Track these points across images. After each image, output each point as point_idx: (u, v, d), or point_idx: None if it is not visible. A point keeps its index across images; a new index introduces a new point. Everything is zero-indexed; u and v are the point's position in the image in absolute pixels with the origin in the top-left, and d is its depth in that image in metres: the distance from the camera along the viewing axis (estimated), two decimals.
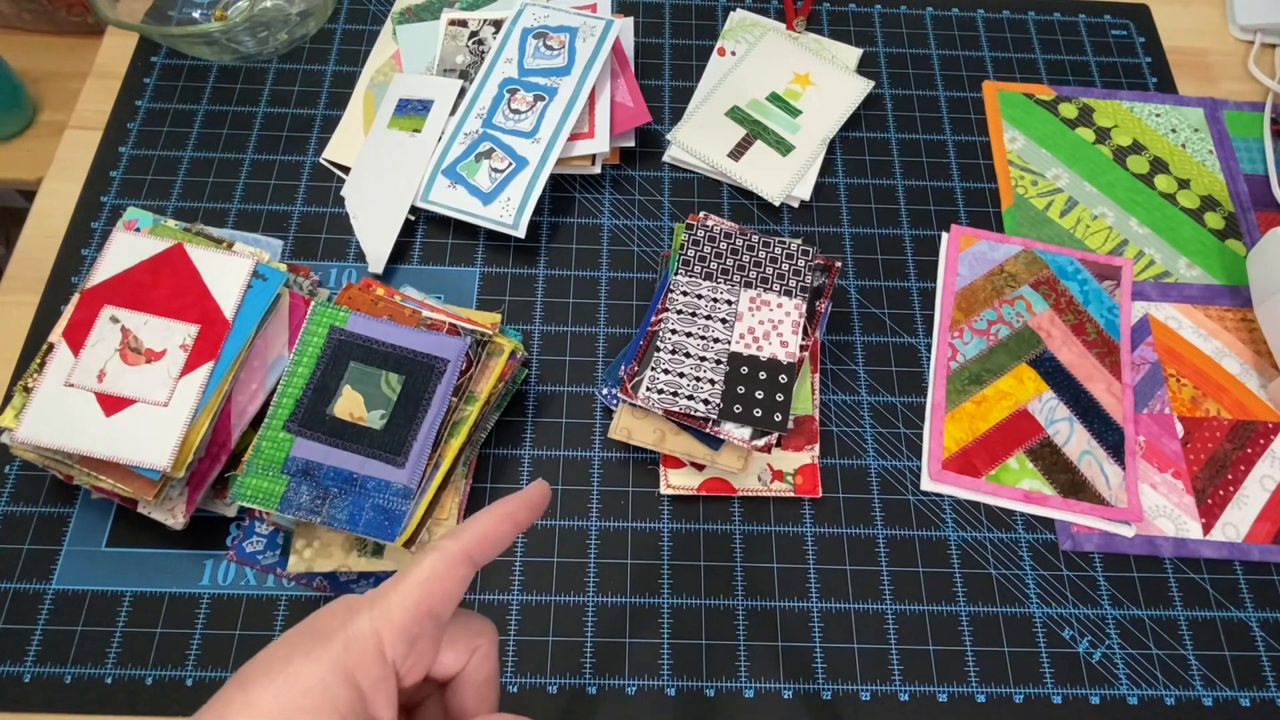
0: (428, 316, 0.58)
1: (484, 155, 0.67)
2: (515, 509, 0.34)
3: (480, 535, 0.32)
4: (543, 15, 0.72)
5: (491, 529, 0.33)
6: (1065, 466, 0.61)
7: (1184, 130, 0.76)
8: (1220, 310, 0.67)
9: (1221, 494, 0.61)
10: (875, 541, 0.59)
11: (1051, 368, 0.64)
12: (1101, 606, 0.57)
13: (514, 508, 0.34)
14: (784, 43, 0.77)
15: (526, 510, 0.34)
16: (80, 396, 0.52)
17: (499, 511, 0.34)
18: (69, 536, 0.57)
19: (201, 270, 0.56)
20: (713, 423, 0.56)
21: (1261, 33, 0.81)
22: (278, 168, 0.70)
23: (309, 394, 0.55)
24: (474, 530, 0.32)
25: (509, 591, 0.56)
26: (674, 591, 0.57)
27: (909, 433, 0.62)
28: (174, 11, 0.76)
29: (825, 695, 0.54)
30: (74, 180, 0.69)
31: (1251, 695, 0.55)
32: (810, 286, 0.60)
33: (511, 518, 0.34)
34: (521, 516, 0.34)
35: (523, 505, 0.34)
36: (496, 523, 0.33)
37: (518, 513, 0.34)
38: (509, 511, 0.34)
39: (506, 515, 0.34)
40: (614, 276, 0.67)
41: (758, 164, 0.71)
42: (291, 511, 0.52)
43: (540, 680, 0.54)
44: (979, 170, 0.73)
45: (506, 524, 0.33)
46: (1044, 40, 0.80)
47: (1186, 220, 0.72)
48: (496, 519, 0.33)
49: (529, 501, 0.35)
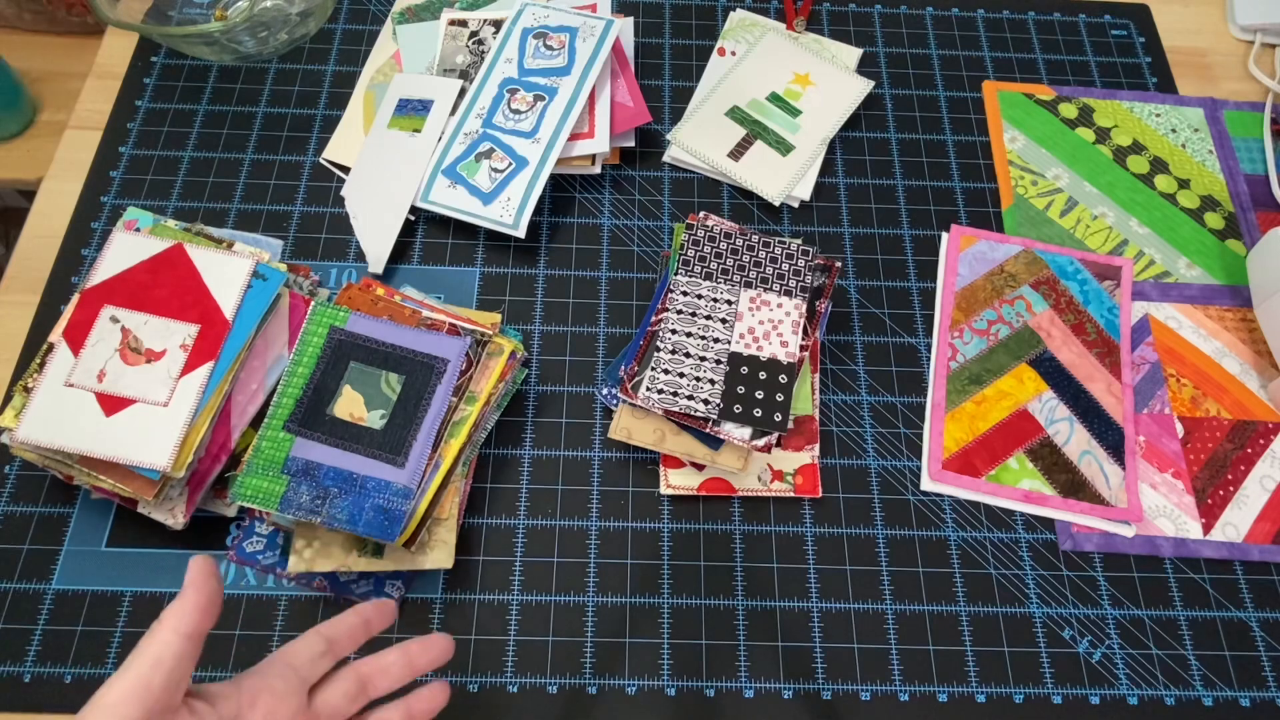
0: (428, 316, 0.58)
1: (484, 155, 0.67)
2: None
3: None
4: (543, 15, 0.72)
5: None
6: (1065, 466, 0.61)
7: (1184, 130, 0.76)
8: (1220, 310, 0.67)
9: (1221, 494, 0.61)
10: (875, 541, 0.59)
11: (1051, 368, 0.64)
12: (1101, 606, 0.57)
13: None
14: (784, 43, 0.77)
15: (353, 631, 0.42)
16: (80, 396, 0.52)
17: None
18: (69, 536, 0.57)
19: (201, 270, 0.56)
20: (713, 423, 0.56)
21: (1261, 33, 0.81)
22: (278, 168, 0.70)
23: (309, 394, 0.55)
24: None
25: (509, 591, 0.56)
26: (674, 591, 0.57)
27: (909, 433, 0.62)
28: (174, 11, 0.76)
29: (825, 695, 0.54)
30: (74, 180, 0.69)
31: (1251, 695, 0.55)
32: (810, 286, 0.60)
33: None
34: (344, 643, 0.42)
35: (376, 613, 0.43)
36: None
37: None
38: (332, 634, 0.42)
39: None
40: (614, 276, 0.67)
41: (758, 164, 0.71)
42: (291, 511, 0.52)
43: (540, 680, 0.54)
44: (979, 170, 0.73)
45: None
46: (1044, 40, 0.80)
47: (1186, 220, 0.72)
48: None
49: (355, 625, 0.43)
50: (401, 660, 0.42)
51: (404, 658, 0.42)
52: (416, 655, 0.42)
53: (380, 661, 0.42)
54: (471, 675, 0.54)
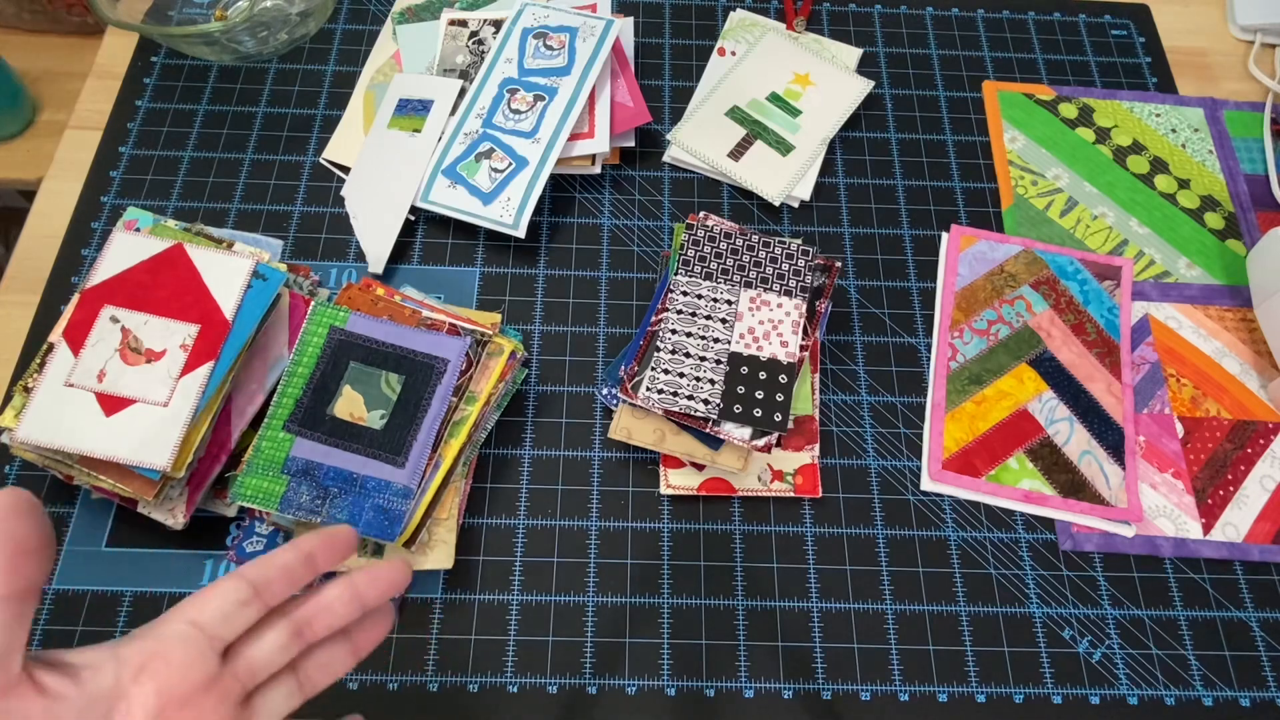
0: (428, 316, 0.58)
1: (484, 155, 0.67)
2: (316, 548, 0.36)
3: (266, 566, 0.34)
4: (543, 15, 0.72)
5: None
6: (1065, 466, 0.61)
7: (1184, 130, 0.76)
8: (1220, 310, 0.67)
9: (1221, 494, 0.61)
10: (875, 541, 0.59)
11: (1051, 368, 0.64)
12: (1101, 606, 0.57)
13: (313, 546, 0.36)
14: (784, 43, 0.77)
15: (328, 551, 0.36)
16: (80, 396, 0.52)
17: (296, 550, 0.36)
18: (69, 536, 0.57)
19: (201, 270, 0.56)
20: (713, 423, 0.56)
21: (1261, 33, 0.81)
22: (278, 168, 0.70)
23: (309, 394, 0.55)
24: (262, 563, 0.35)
25: (509, 591, 0.56)
26: (674, 591, 0.57)
27: (909, 433, 0.62)
28: (174, 11, 0.76)
29: (825, 695, 0.54)
30: (74, 180, 0.69)
31: (1251, 695, 0.55)
32: (810, 286, 0.60)
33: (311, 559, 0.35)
34: (321, 559, 0.36)
35: (323, 545, 0.36)
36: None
37: (318, 553, 0.35)
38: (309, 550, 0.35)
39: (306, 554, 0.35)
40: (614, 276, 0.67)
41: (758, 164, 0.71)
42: (291, 511, 0.52)
43: (540, 680, 0.54)
44: (979, 170, 0.73)
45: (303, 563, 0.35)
46: (1044, 40, 0.80)
47: (1186, 220, 0.72)
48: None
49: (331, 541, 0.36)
50: (346, 594, 0.35)
51: (349, 590, 0.35)
52: (365, 587, 0.35)
53: (321, 600, 0.35)
54: (471, 675, 0.54)
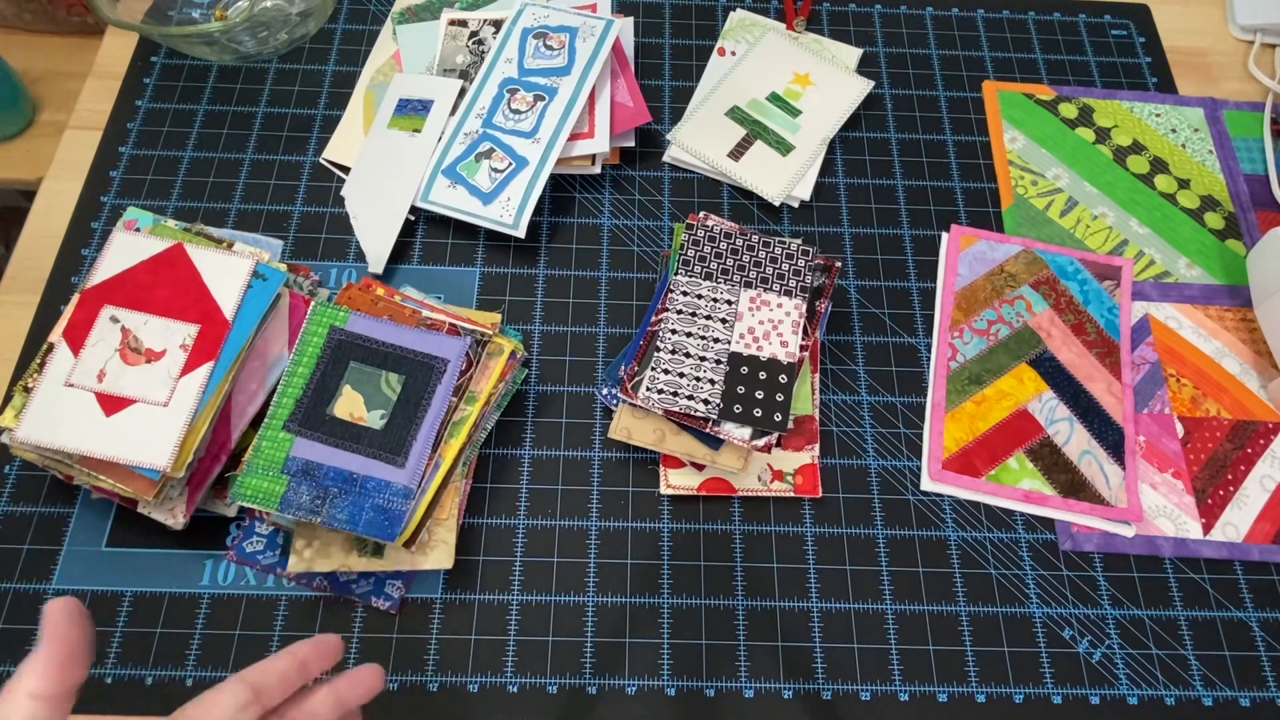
0: (428, 316, 0.58)
1: (484, 155, 0.67)
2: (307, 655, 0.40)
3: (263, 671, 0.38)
4: (543, 15, 0.72)
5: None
6: (1065, 466, 0.61)
7: (1184, 130, 0.76)
8: (1220, 310, 0.67)
9: (1221, 494, 0.61)
10: (875, 541, 0.59)
11: (1051, 368, 0.64)
12: (1101, 606, 0.57)
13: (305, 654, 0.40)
14: (784, 43, 0.77)
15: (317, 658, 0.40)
16: (80, 396, 0.52)
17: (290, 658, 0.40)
18: (69, 536, 0.57)
19: (201, 270, 0.56)
20: (713, 423, 0.56)
21: (1261, 33, 0.81)
22: (278, 168, 0.70)
23: (309, 394, 0.55)
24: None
25: (509, 591, 0.56)
26: (674, 591, 0.57)
27: (909, 433, 0.62)
28: (174, 11, 0.76)
29: (825, 695, 0.54)
30: (74, 180, 0.69)
31: (1251, 695, 0.55)
32: (810, 286, 0.60)
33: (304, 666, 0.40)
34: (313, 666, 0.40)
35: (314, 652, 0.40)
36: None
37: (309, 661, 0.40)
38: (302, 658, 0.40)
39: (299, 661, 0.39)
40: (614, 276, 0.67)
41: (758, 164, 0.71)
42: (291, 511, 0.52)
43: (540, 680, 0.54)
44: (979, 170, 0.73)
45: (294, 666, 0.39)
46: (1044, 40, 0.80)
47: (1186, 220, 0.72)
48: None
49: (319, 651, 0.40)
50: (330, 699, 0.39)
51: (332, 695, 0.40)
52: (345, 691, 0.40)
53: (308, 705, 0.39)
54: (471, 675, 0.54)
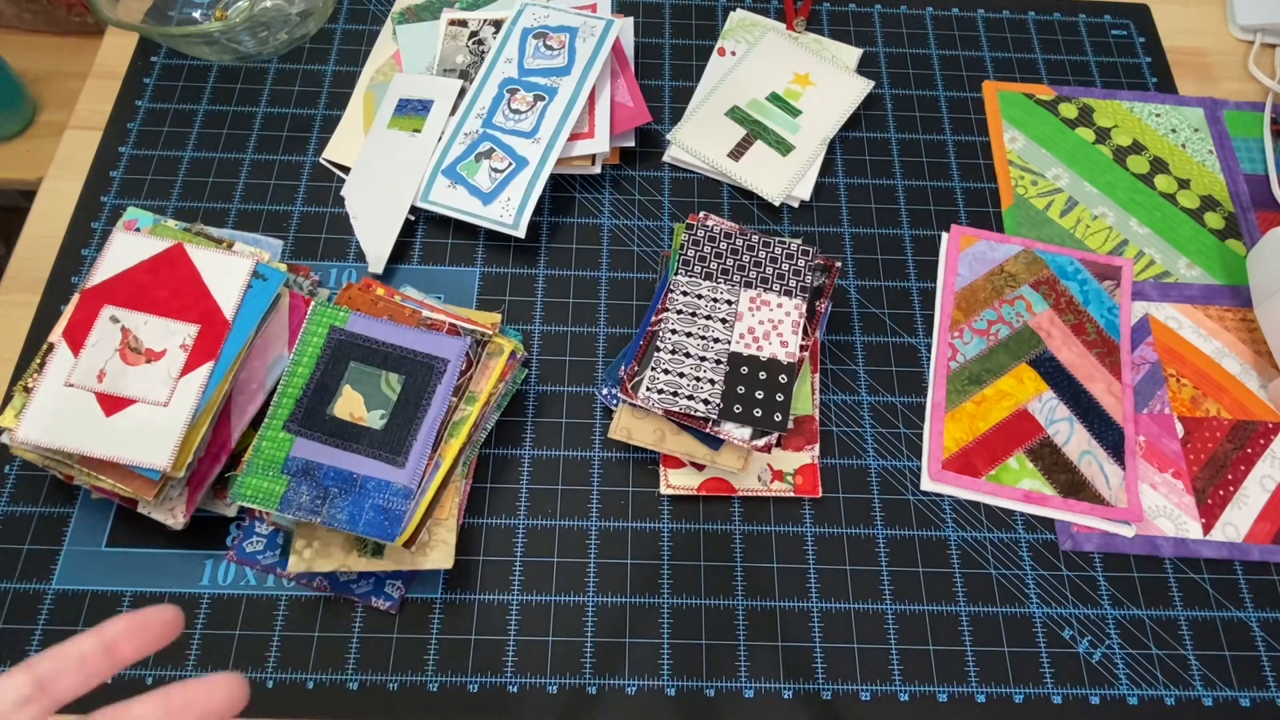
0: (428, 316, 0.58)
1: (484, 155, 0.67)
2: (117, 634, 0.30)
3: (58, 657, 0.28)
4: (543, 15, 0.72)
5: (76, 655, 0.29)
6: (1065, 466, 0.61)
7: (1184, 130, 0.76)
8: (1220, 310, 0.67)
9: (1221, 494, 0.61)
10: (875, 541, 0.59)
11: (1051, 368, 0.64)
12: (1101, 606, 0.57)
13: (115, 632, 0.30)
14: (784, 43, 0.77)
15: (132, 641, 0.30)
16: (80, 396, 0.52)
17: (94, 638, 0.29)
18: (69, 536, 0.57)
19: (201, 270, 0.56)
20: (713, 423, 0.56)
21: (1261, 33, 0.81)
22: (278, 168, 0.70)
23: (309, 394, 0.55)
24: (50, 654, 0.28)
25: (509, 591, 0.56)
26: (674, 591, 0.57)
27: (909, 433, 0.62)
28: (174, 11, 0.76)
29: (825, 695, 0.54)
30: (74, 180, 0.69)
31: (1251, 695, 0.55)
32: (810, 286, 0.60)
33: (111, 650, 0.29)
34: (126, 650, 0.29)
35: (129, 631, 0.30)
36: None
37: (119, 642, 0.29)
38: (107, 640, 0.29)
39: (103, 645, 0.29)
40: (614, 276, 0.67)
41: (758, 164, 0.71)
42: (291, 511, 0.52)
43: (540, 680, 0.54)
44: (979, 170, 0.73)
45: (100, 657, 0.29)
46: (1044, 40, 0.80)
47: (1186, 220, 0.72)
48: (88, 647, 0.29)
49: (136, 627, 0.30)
50: (154, 714, 0.28)
51: (161, 709, 0.28)
52: (179, 709, 0.28)
53: (124, 715, 0.28)
54: (471, 675, 0.54)
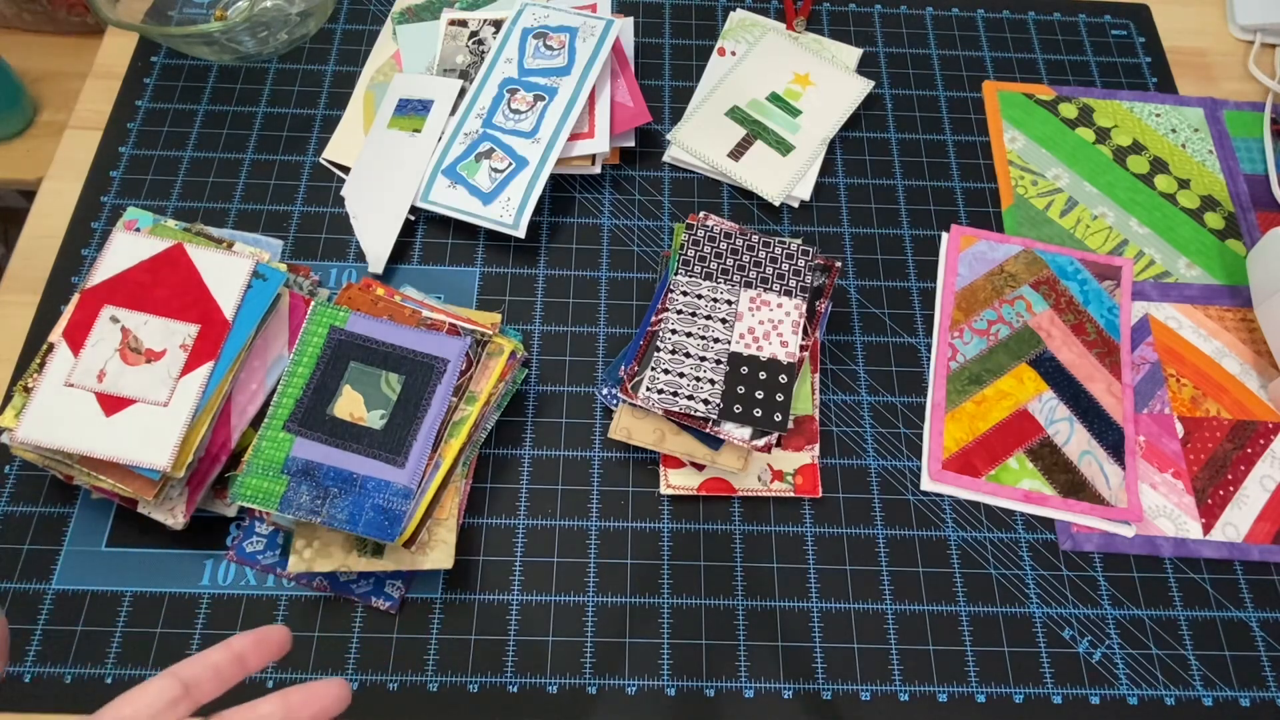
0: (428, 316, 0.58)
1: (484, 155, 0.67)
2: (246, 648, 0.36)
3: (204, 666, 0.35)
4: (543, 15, 0.72)
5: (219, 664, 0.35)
6: (1065, 466, 0.61)
7: (1184, 130, 0.76)
8: (1220, 310, 0.67)
9: (1221, 494, 0.61)
10: (875, 541, 0.59)
11: (1051, 368, 0.64)
12: (1101, 606, 0.57)
13: (245, 646, 0.36)
14: (784, 43, 0.77)
15: (257, 652, 0.36)
16: (80, 396, 0.52)
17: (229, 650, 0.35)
18: (69, 536, 0.57)
19: (201, 270, 0.56)
20: (713, 423, 0.56)
21: (1261, 33, 0.81)
22: (278, 168, 0.70)
23: (309, 394, 0.55)
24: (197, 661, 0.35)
25: (509, 591, 0.56)
26: (674, 591, 0.57)
27: (909, 433, 0.62)
28: (174, 11, 0.76)
29: (825, 695, 0.54)
30: (74, 180, 0.69)
31: (1251, 695, 0.55)
32: (810, 286, 0.60)
33: (241, 659, 0.35)
34: (253, 661, 0.36)
35: (254, 645, 0.36)
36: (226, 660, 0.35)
37: (248, 654, 0.36)
38: (239, 651, 0.35)
39: (236, 655, 0.35)
40: (614, 276, 0.67)
41: (758, 164, 0.71)
42: (291, 511, 0.52)
43: (540, 680, 0.54)
44: (979, 170, 0.73)
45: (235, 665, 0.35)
46: (1044, 40, 0.80)
47: (1186, 220, 0.72)
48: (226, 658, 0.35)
49: (261, 641, 0.36)
50: (278, 712, 0.34)
51: (282, 708, 0.34)
52: (298, 707, 0.34)
53: (253, 715, 0.34)
54: (471, 675, 0.54)
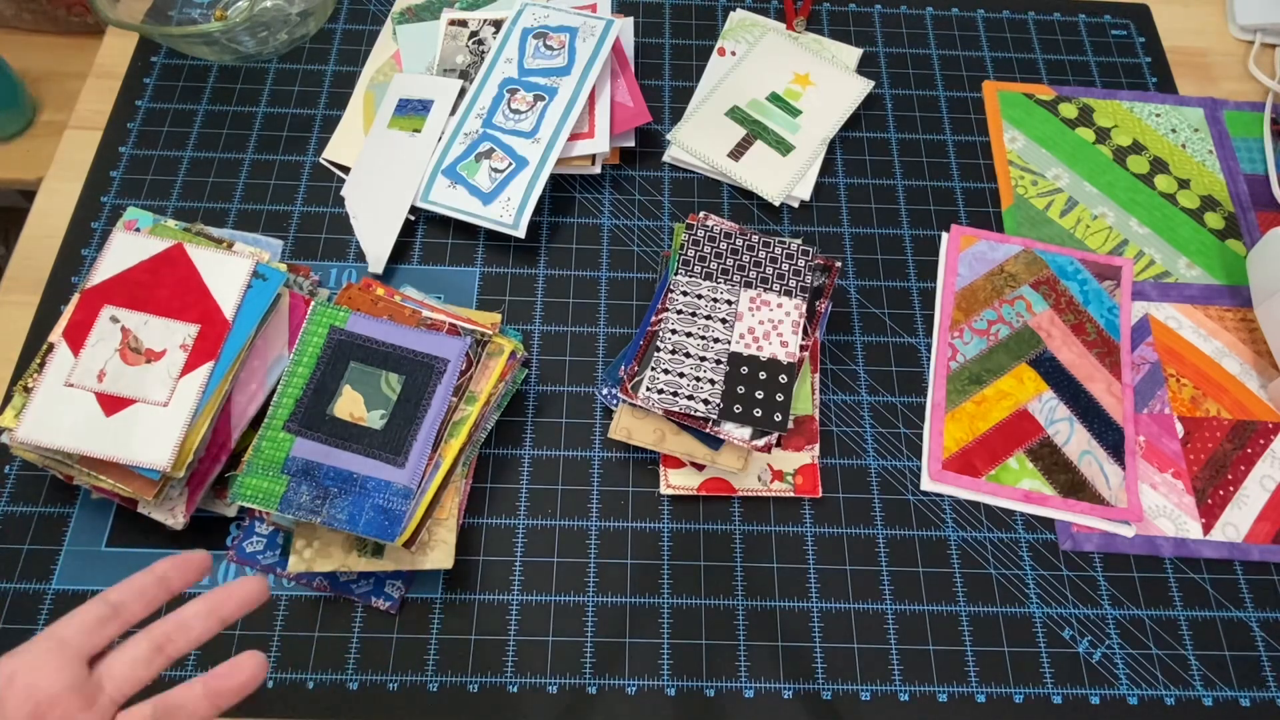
0: (428, 316, 0.58)
1: (484, 155, 0.67)
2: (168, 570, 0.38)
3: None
4: (543, 15, 0.72)
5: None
6: (1065, 466, 0.61)
7: (1184, 130, 0.76)
8: (1220, 310, 0.67)
9: (1221, 494, 0.61)
10: (875, 541, 0.59)
11: (1051, 368, 0.64)
12: (1101, 606, 0.57)
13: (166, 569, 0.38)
14: (784, 43, 0.77)
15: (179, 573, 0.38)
16: (80, 396, 0.52)
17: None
18: (69, 536, 0.57)
19: (201, 270, 0.56)
20: (713, 423, 0.56)
21: (1261, 33, 0.81)
22: (278, 168, 0.70)
23: (309, 394, 0.55)
24: None
25: (509, 591, 0.56)
26: (674, 591, 0.57)
27: (909, 433, 0.62)
28: (174, 11, 0.76)
29: (825, 695, 0.54)
30: (74, 180, 0.69)
31: (1251, 695, 0.55)
32: (810, 286, 0.60)
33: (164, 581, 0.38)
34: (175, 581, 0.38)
35: (175, 567, 0.38)
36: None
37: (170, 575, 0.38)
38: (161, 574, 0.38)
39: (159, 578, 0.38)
40: (614, 276, 0.67)
41: (758, 164, 0.71)
42: (291, 511, 0.52)
43: (540, 680, 0.54)
44: (979, 170, 0.73)
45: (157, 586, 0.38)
46: (1044, 40, 0.80)
47: (1186, 220, 0.72)
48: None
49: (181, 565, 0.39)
50: (204, 610, 0.37)
51: (206, 606, 0.37)
52: (221, 602, 0.38)
53: (178, 617, 0.37)
54: (471, 675, 0.54)
